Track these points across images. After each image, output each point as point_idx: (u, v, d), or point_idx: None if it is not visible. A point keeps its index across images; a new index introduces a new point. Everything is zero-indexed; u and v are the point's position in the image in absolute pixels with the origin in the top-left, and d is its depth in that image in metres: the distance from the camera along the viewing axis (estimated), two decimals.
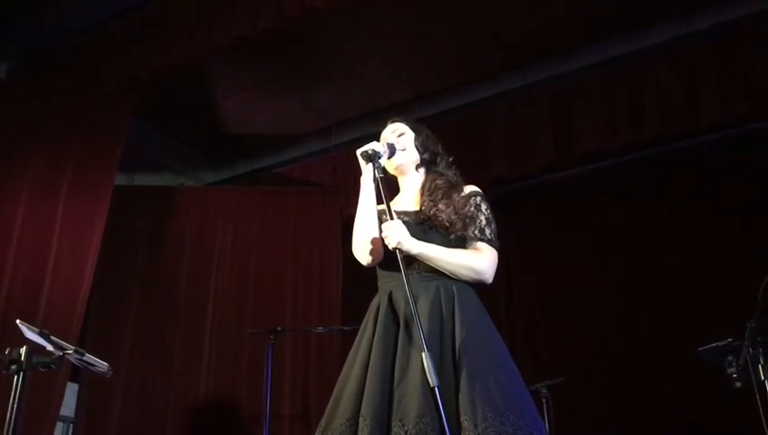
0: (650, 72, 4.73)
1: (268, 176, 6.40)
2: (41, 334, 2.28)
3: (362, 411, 1.95)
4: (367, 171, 2.31)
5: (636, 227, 5.22)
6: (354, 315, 2.26)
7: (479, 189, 2.38)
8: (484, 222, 2.28)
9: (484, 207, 2.32)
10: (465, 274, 2.19)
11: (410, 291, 1.99)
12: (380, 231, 2.18)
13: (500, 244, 2.29)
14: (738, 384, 1.89)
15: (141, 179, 6.20)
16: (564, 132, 4.96)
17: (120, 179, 5.24)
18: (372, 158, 2.26)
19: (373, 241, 2.26)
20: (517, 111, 5.25)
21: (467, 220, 2.25)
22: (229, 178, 6.63)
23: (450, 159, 2.49)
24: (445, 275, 2.19)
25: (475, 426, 1.85)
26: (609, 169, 5.31)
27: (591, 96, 4.92)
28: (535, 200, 5.80)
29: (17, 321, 2.35)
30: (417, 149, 2.43)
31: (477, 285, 2.24)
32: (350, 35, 4.97)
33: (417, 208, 2.32)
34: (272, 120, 5.94)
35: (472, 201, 2.31)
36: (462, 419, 1.88)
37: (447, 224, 2.22)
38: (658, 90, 4.66)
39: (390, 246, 2.11)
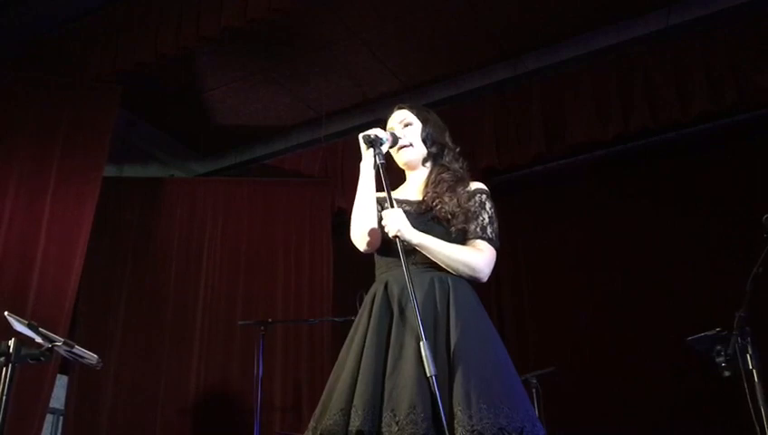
0: (640, 62, 4.75)
1: (258, 167, 6.37)
2: (29, 326, 2.27)
3: (354, 402, 1.96)
4: (367, 156, 2.29)
5: (626, 217, 5.24)
6: (345, 307, 2.26)
7: (485, 187, 2.35)
8: (486, 220, 2.26)
9: (488, 205, 2.29)
10: (462, 269, 2.17)
11: (409, 278, 1.98)
12: (380, 218, 2.17)
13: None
14: (727, 373, 1.91)
15: (130, 171, 6.17)
16: (554, 123, 4.97)
17: (109, 171, 5.21)
18: (374, 143, 2.24)
19: (372, 228, 2.24)
20: (507, 101, 5.26)
21: (469, 214, 2.24)
22: (218, 169, 6.59)
23: (458, 150, 2.46)
24: (441, 267, 2.18)
25: (470, 417, 1.85)
26: (599, 159, 5.33)
27: (581, 87, 4.93)
28: (525, 191, 5.81)
29: (5, 313, 2.33)
30: (424, 143, 2.40)
31: (471, 281, 2.22)
32: (339, 26, 4.94)
33: (420, 199, 2.31)
34: (261, 110, 5.91)
35: (477, 198, 2.29)
36: (456, 409, 1.88)
37: (449, 216, 2.20)
38: (648, 80, 4.67)
39: (390, 235, 2.10)
